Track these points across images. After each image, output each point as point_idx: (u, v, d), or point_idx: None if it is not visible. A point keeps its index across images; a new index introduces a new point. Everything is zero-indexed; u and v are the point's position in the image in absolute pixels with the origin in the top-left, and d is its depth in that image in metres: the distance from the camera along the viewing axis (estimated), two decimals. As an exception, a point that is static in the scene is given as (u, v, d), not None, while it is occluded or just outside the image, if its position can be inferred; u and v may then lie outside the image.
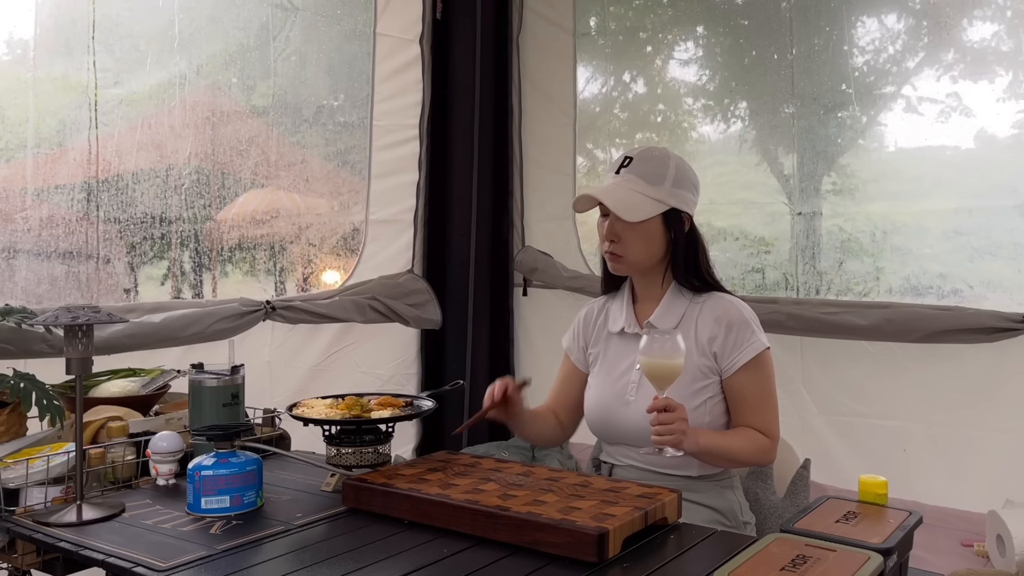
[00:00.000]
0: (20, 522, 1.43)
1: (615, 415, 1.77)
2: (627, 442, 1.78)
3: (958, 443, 2.67)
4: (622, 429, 1.76)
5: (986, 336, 2.54)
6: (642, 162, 1.74)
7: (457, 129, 3.59)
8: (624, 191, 1.72)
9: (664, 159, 1.75)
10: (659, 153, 1.77)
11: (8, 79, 2.40)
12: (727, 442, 1.68)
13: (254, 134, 2.97)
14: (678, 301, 1.77)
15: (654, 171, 1.73)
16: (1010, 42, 2.72)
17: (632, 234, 1.72)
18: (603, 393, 1.81)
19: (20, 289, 2.36)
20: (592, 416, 1.84)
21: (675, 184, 1.73)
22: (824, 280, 3.08)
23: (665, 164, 1.74)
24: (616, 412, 1.77)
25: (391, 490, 1.42)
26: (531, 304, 3.71)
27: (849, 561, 1.09)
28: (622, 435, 1.78)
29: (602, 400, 1.80)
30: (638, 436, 1.73)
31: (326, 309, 2.98)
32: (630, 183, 1.72)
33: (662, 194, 1.72)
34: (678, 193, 1.73)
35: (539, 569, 1.19)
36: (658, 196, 1.71)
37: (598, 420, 1.82)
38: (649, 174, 1.72)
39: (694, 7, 3.53)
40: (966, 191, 2.84)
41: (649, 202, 1.71)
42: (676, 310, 1.76)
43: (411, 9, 3.41)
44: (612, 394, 1.78)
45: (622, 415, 1.75)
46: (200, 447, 1.65)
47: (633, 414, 1.72)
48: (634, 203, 1.70)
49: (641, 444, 1.74)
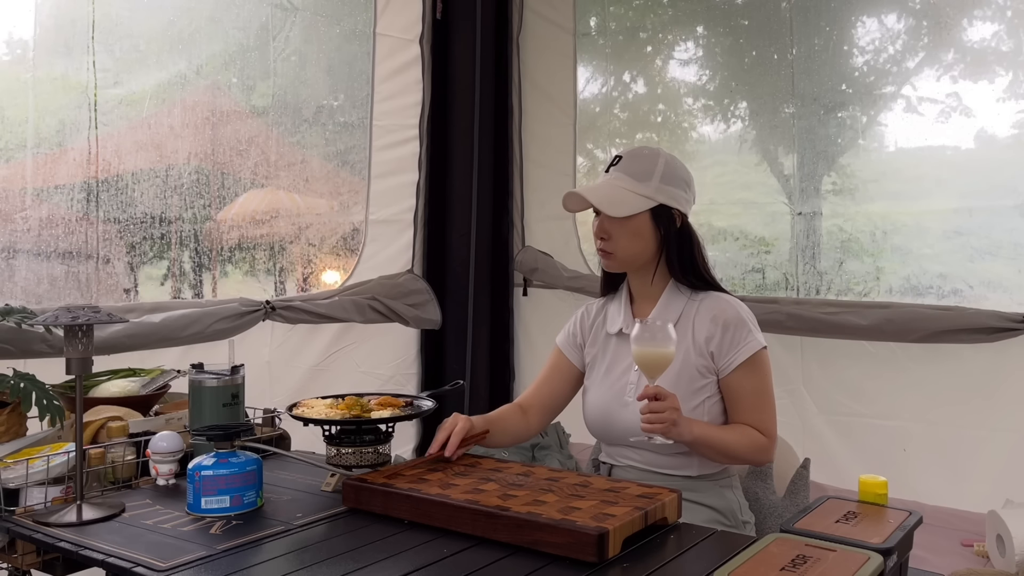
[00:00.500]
0: (20, 522, 1.43)
1: (614, 416, 1.77)
2: (626, 443, 1.78)
3: (958, 443, 2.67)
4: (621, 430, 1.76)
5: (986, 336, 2.54)
6: (630, 160, 1.76)
7: (457, 129, 3.59)
8: (611, 188, 1.74)
9: (653, 157, 1.77)
10: (648, 151, 1.79)
11: (8, 79, 2.40)
12: (723, 435, 1.68)
13: (254, 134, 2.97)
14: (676, 300, 1.78)
15: (641, 168, 1.75)
16: (1010, 42, 2.72)
17: (621, 231, 1.74)
18: (602, 394, 1.81)
19: (20, 289, 2.36)
20: (591, 417, 1.84)
21: (663, 180, 1.74)
22: (824, 280, 3.08)
23: (653, 161, 1.76)
24: (615, 413, 1.77)
25: (391, 490, 1.42)
26: (531, 304, 3.71)
27: (849, 561, 1.09)
28: (621, 436, 1.78)
29: (601, 401, 1.81)
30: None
31: (326, 309, 2.98)
32: (618, 180, 1.75)
33: (649, 190, 1.73)
34: (666, 189, 1.74)
35: (539, 569, 1.19)
36: (645, 192, 1.73)
37: (597, 421, 1.82)
38: (636, 171, 1.74)
39: (694, 7, 3.53)
40: (966, 191, 2.84)
41: (635, 198, 1.72)
42: (674, 309, 1.76)
43: (411, 9, 3.41)
44: (611, 395, 1.78)
45: (621, 416, 1.75)
46: (200, 447, 1.65)
47: (632, 415, 1.72)
48: (619, 199, 1.72)
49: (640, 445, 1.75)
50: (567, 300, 3.46)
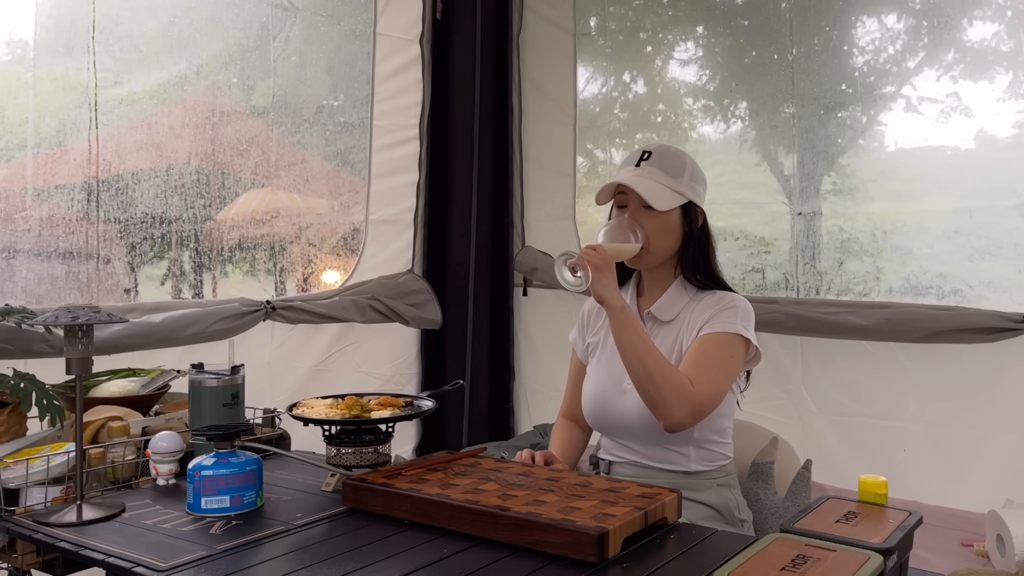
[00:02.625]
0: (20, 522, 1.43)
1: (612, 403, 1.76)
2: (623, 433, 1.78)
3: (958, 443, 2.67)
4: (618, 419, 1.76)
5: (986, 336, 2.54)
6: (662, 156, 1.78)
7: (457, 129, 3.59)
8: (650, 182, 1.74)
9: (681, 154, 1.81)
10: (675, 149, 1.83)
11: (8, 79, 2.40)
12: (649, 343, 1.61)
13: (254, 134, 2.97)
14: (681, 295, 1.78)
15: (674, 164, 1.77)
16: (1010, 42, 2.72)
17: (654, 225, 1.74)
18: (600, 382, 1.81)
19: (20, 289, 2.36)
20: (589, 405, 1.83)
21: (692, 178, 1.78)
22: (824, 280, 3.08)
23: (682, 159, 1.80)
24: (613, 401, 1.76)
25: (391, 490, 1.42)
26: (531, 304, 3.71)
27: (849, 561, 1.09)
28: (618, 425, 1.77)
29: (599, 389, 1.80)
30: (634, 427, 1.73)
31: (326, 309, 2.98)
32: (653, 175, 1.76)
33: (682, 187, 1.76)
34: (695, 187, 1.78)
35: (539, 569, 1.19)
36: (679, 188, 1.75)
37: (595, 409, 1.82)
38: (670, 167, 1.77)
39: (694, 7, 3.53)
40: (966, 191, 2.84)
41: (671, 193, 1.74)
42: (679, 302, 1.77)
43: (411, 9, 3.42)
44: (609, 383, 1.78)
45: (618, 404, 1.75)
46: (200, 447, 1.65)
47: (629, 403, 1.72)
48: (660, 193, 1.73)
49: (637, 436, 1.74)
50: (567, 300, 3.46)
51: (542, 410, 3.63)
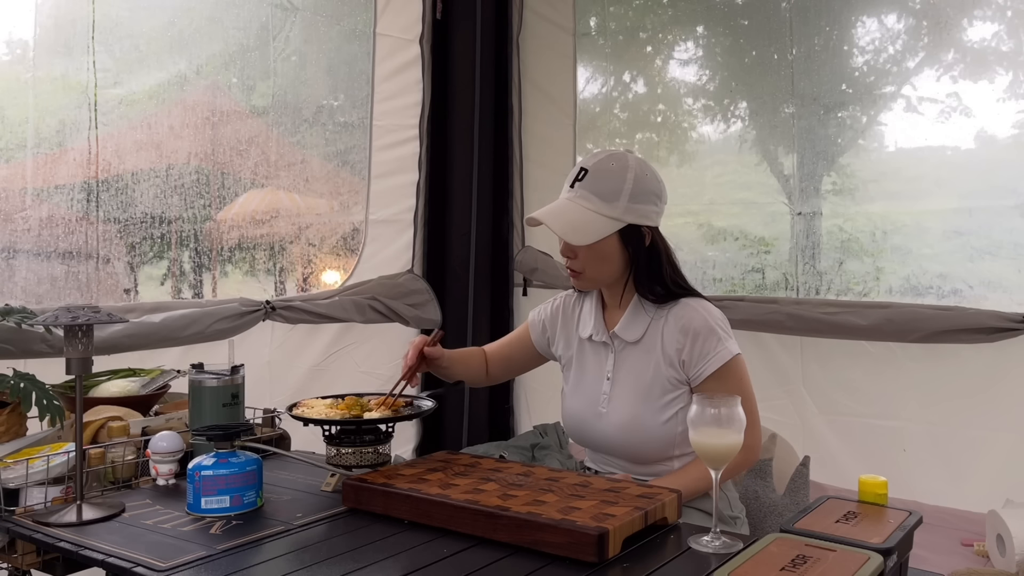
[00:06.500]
0: (20, 522, 1.43)
1: (590, 425, 1.77)
2: (605, 451, 1.79)
3: (958, 443, 2.67)
4: (597, 439, 1.77)
5: (986, 336, 2.54)
6: (596, 177, 1.65)
7: (457, 129, 3.59)
8: (575, 211, 1.64)
9: (621, 172, 1.64)
10: (616, 165, 1.65)
11: (8, 79, 2.40)
12: (701, 471, 1.62)
13: (254, 134, 2.97)
14: (640, 314, 1.72)
15: (608, 188, 1.63)
16: (1010, 42, 2.72)
17: (587, 253, 1.67)
18: (577, 404, 1.81)
19: (20, 289, 2.36)
20: (569, 425, 1.85)
21: (632, 199, 1.63)
22: (824, 280, 3.08)
23: (622, 178, 1.63)
24: (591, 423, 1.77)
25: (391, 490, 1.42)
26: (531, 304, 3.70)
27: (849, 561, 1.09)
28: (598, 445, 1.79)
29: (577, 411, 1.81)
30: (614, 448, 1.74)
31: (326, 309, 2.98)
32: (583, 200, 1.64)
33: (617, 211, 1.63)
34: (636, 208, 1.64)
35: (539, 569, 1.19)
36: (613, 214, 1.63)
37: (575, 429, 1.83)
38: (603, 191, 1.63)
39: (694, 7, 3.53)
40: (966, 191, 2.84)
41: (602, 220, 1.63)
42: (641, 320, 1.72)
43: (411, 9, 3.41)
44: (585, 405, 1.78)
45: (595, 426, 1.75)
46: (200, 447, 1.65)
47: (606, 426, 1.73)
48: (583, 223, 1.63)
49: (618, 455, 1.75)
50: (567, 300, 3.46)
51: (542, 410, 3.63)
